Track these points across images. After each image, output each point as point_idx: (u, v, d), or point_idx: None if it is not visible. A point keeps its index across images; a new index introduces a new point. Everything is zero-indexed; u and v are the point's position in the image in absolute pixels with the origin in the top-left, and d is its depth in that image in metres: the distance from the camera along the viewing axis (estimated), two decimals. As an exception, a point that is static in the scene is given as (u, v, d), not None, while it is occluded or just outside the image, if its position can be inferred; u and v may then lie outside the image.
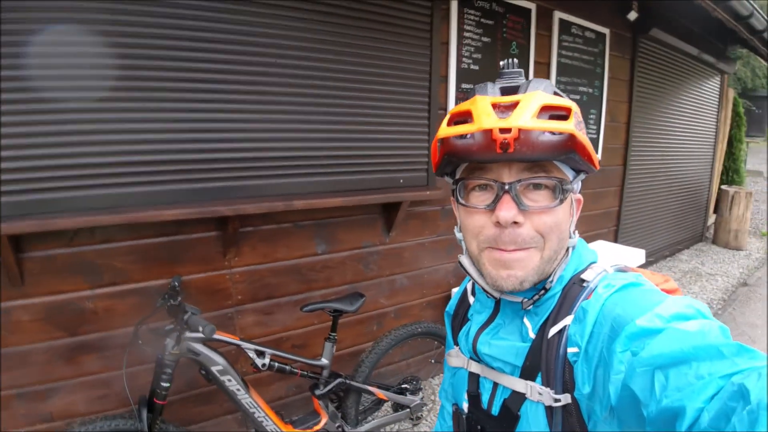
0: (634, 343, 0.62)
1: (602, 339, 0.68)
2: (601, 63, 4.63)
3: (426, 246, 3.40)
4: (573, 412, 0.74)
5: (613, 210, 5.37)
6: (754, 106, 16.15)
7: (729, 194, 7.48)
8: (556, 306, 0.79)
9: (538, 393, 0.77)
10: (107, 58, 2.01)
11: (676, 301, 0.66)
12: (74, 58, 1.94)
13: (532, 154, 0.70)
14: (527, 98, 0.71)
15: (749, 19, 4.79)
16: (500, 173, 0.74)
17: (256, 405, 2.16)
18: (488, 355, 0.86)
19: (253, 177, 2.46)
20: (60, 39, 1.90)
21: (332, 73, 2.65)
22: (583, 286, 0.79)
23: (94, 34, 1.97)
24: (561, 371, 0.74)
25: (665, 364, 0.56)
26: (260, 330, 2.69)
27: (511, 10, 3.56)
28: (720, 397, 0.49)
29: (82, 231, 2.10)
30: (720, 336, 0.58)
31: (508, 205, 0.73)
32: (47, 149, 1.93)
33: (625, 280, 0.76)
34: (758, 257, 7.28)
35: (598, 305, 0.72)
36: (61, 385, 2.15)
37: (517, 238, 0.74)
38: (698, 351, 0.55)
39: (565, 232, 0.79)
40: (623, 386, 0.61)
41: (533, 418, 0.78)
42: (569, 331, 0.75)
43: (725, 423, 0.47)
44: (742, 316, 4.99)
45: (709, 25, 5.57)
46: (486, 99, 0.73)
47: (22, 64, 1.83)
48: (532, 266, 0.76)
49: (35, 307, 2.06)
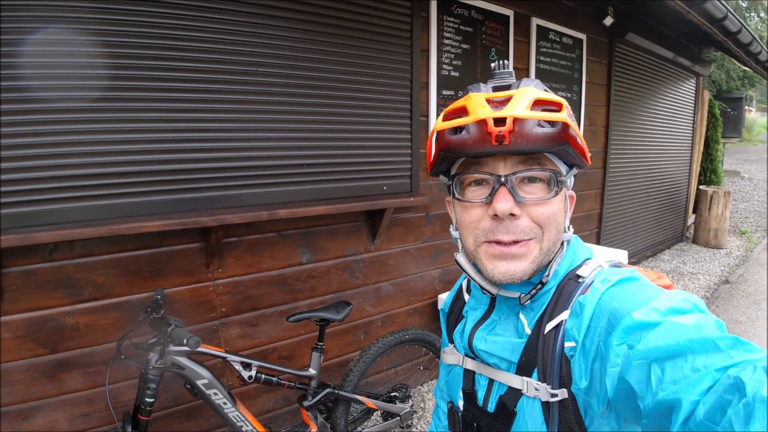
0: (631, 336, 0.62)
1: (599, 333, 0.68)
2: (578, 68, 4.69)
3: (411, 252, 3.40)
4: (570, 407, 0.74)
5: (594, 212, 5.42)
6: (729, 107, 16.47)
7: (708, 194, 7.61)
8: (551, 301, 0.80)
9: (534, 389, 0.77)
10: (85, 69, 1.99)
11: (672, 295, 0.66)
12: (51, 70, 1.91)
13: (527, 145, 0.71)
14: (520, 92, 0.72)
15: (723, 22, 4.87)
16: (496, 167, 0.75)
17: (244, 418, 2.13)
18: (484, 351, 0.86)
19: (236, 186, 2.44)
20: (37, 50, 1.87)
21: (314, 81, 2.65)
22: (579, 281, 0.79)
23: (72, 45, 1.95)
24: (558, 366, 0.75)
25: (661, 357, 0.56)
26: (246, 342, 2.66)
27: (489, 16, 3.59)
28: (716, 389, 0.49)
29: (62, 245, 2.06)
30: (716, 329, 0.58)
31: (504, 198, 0.73)
32: (25, 162, 1.90)
33: (621, 274, 0.76)
34: (738, 255, 7.40)
35: (594, 299, 0.72)
36: (43, 403, 2.11)
37: (515, 229, 0.75)
38: (694, 344, 0.55)
39: (561, 225, 0.80)
40: (620, 379, 0.61)
41: (530, 414, 0.78)
42: (566, 325, 0.75)
43: (721, 416, 0.47)
44: (725, 314, 5.07)
45: (684, 29, 5.68)
46: (480, 95, 0.74)
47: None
48: (531, 258, 0.76)
49: (15, 323, 2.01)
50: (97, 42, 2.01)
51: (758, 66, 6.96)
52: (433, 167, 0.85)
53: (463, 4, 3.39)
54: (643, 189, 6.41)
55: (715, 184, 8.95)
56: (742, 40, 5.55)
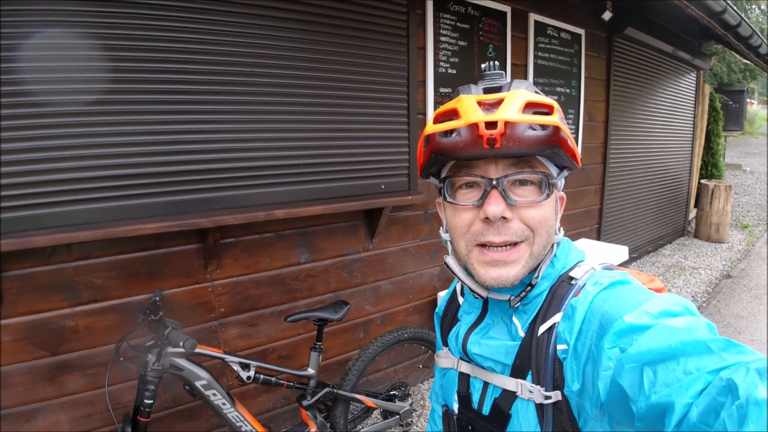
0: (623, 339, 0.63)
1: (591, 336, 0.68)
2: (577, 63, 4.67)
3: (409, 251, 3.40)
4: (563, 409, 0.74)
5: (594, 208, 5.42)
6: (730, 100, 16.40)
7: (709, 188, 7.59)
8: (544, 304, 0.80)
9: (528, 391, 0.77)
10: (79, 73, 1.99)
11: (664, 299, 0.67)
12: (45, 74, 1.92)
13: (519, 148, 0.71)
14: (512, 95, 0.72)
15: (723, 15, 4.84)
16: (487, 170, 0.76)
17: (243, 419, 2.14)
18: (478, 354, 0.86)
19: (233, 187, 2.44)
20: (32, 55, 1.88)
21: (310, 81, 2.65)
22: (572, 283, 0.80)
23: (66, 49, 1.95)
24: (551, 369, 0.75)
25: (654, 360, 0.57)
26: (245, 342, 2.67)
27: (486, 13, 3.58)
28: (708, 392, 0.50)
29: (60, 248, 2.07)
30: (707, 332, 0.59)
31: (496, 200, 0.74)
32: (22, 166, 1.90)
33: (613, 277, 0.77)
34: (740, 249, 7.38)
35: (586, 302, 0.72)
36: (44, 405, 2.12)
37: (507, 232, 0.75)
38: (686, 347, 0.55)
39: (552, 228, 0.80)
40: (612, 382, 0.61)
41: (524, 416, 0.78)
42: (558, 328, 0.75)
43: (714, 418, 0.47)
44: (726, 308, 5.07)
45: (683, 23, 5.65)
46: (471, 97, 0.74)
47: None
48: (522, 262, 0.77)
49: (15, 327, 2.03)
50: (91, 46, 2.01)
51: (759, 59, 6.93)
52: (424, 169, 0.85)
53: (459, 1, 3.38)
54: (643, 184, 6.40)
55: (716, 177, 8.93)
56: (742, 33, 5.52)
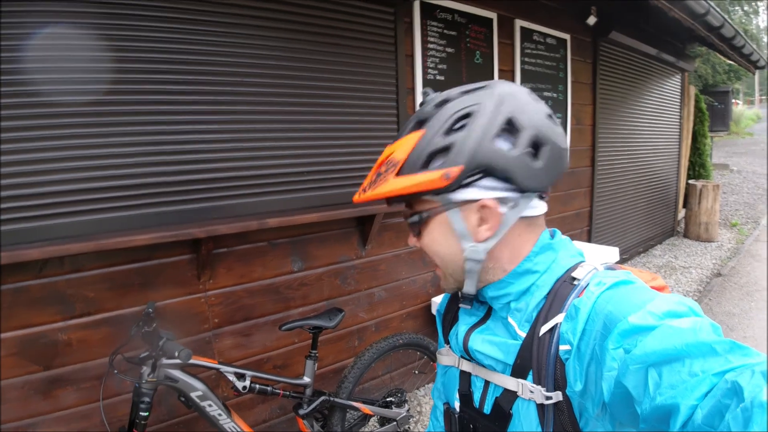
0: (627, 340, 0.62)
1: (594, 336, 0.68)
2: (563, 68, 4.72)
3: (402, 257, 3.41)
4: (565, 409, 0.74)
5: (584, 210, 5.46)
6: (716, 101, 16.60)
7: (697, 188, 7.66)
8: (546, 304, 0.79)
9: (529, 391, 0.77)
10: (70, 85, 1.99)
11: (668, 299, 0.66)
12: (36, 86, 1.92)
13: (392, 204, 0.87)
14: (381, 188, 0.82)
15: (706, 17, 4.90)
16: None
17: (240, 429, 2.13)
18: (479, 352, 0.86)
19: (225, 197, 2.45)
20: (22, 67, 1.88)
21: (300, 90, 2.67)
22: (574, 284, 0.79)
23: (58, 61, 1.96)
24: (552, 369, 0.75)
25: (658, 362, 0.57)
26: (240, 352, 2.66)
27: (473, 20, 3.62)
28: (713, 394, 0.50)
29: (52, 261, 2.06)
30: (712, 333, 0.58)
31: (410, 238, 0.88)
32: (13, 179, 1.90)
33: (616, 277, 0.76)
34: (730, 247, 7.45)
35: (590, 303, 0.72)
36: (39, 420, 2.10)
37: None
38: (691, 348, 0.55)
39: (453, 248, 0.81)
40: (616, 383, 0.61)
41: (525, 416, 0.78)
42: (561, 328, 0.75)
43: (719, 420, 0.47)
44: (718, 306, 5.10)
45: (667, 25, 5.71)
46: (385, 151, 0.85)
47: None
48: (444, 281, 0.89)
49: (8, 341, 2.01)
50: (83, 58, 2.02)
51: (742, 59, 7.02)
52: None
53: (446, 8, 3.41)
54: (632, 186, 6.45)
55: (704, 177, 9.00)
56: (726, 34, 5.58)
